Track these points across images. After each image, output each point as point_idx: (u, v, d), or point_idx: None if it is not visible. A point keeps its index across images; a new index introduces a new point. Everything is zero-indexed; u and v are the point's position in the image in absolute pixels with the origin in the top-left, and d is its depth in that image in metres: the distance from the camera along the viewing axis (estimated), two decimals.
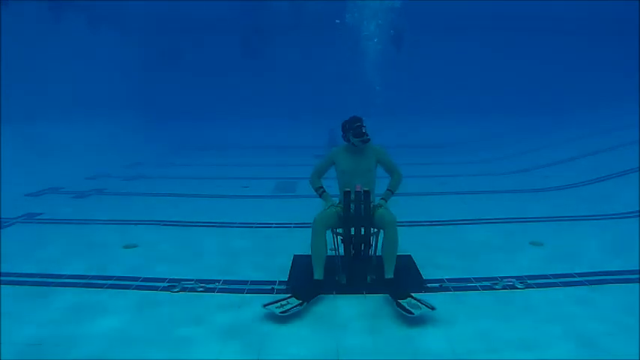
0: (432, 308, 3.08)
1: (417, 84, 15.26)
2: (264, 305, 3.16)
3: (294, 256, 4.29)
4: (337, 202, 3.92)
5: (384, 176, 4.02)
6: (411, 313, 3.02)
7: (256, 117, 15.41)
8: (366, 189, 3.58)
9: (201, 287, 3.68)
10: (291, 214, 5.99)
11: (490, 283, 3.69)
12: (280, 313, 3.07)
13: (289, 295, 3.32)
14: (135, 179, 9.13)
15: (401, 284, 3.44)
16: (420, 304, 3.13)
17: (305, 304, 3.23)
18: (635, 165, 7.56)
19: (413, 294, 3.22)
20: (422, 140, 14.09)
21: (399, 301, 3.19)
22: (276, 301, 3.22)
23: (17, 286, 3.70)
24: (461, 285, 3.67)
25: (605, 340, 2.83)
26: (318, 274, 3.50)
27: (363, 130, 3.74)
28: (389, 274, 3.48)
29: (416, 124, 14.73)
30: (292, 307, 3.14)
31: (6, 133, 8.43)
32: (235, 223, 5.66)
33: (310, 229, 3.58)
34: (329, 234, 3.72)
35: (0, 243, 4.80)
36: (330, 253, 3.68)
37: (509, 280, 3.74)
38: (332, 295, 3.50)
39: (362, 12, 14.24)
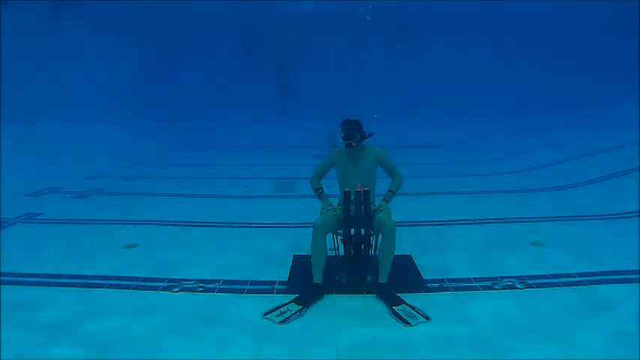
0: (427, 318, 3.10)
1: (418, 84, 15.28)
2: (264, 315, 3.17)
3: (294, 256, 4.30)
4: (336, 202, 3.93)
5: (384, 176, 4.02)
6: (408, 323, 3.03)
7: (256, 117, 15.41)
8: (365, 189, 3.58)
9: (201, 287, 3.68)
10: (291, 214, 5.99)
11: (490, 283, 3.69)
12: (280, 322, 3.08)
13: (289, 300, 3.33)
14: (135, 179, 9.13)
15: (393, 290, 3.43)
16: (415, 313, 3.15)
17: (305, 309, 3.24)
18: (635, 165, 7.56)
19: (413, 293, 3.20)
20: (422, 140, 14.09)
21: (394, 308, 3.21)
22: (276, 309, 3.23)
23: (17, 286, 3.70)
24: (461, 285, 3.67)
25: (606, 339, 2.83)
26: (318, 278, 3.51)
27: (347, 134, 3.72)
28: (382, 279, 3.48)
29: (416, 124, 14.73)
30: (292, 314, 3.15)
31: (6, 133, 8.43)
32: (235, 223, 5.66)
33: (310, 230, 3.57)
34: (329, 234, 3.72)
35: (0, 243, 4.80)
36: (330, 253, 3.68)
37: (509, 280, 3.74)
38: (332, 295, 3.50)
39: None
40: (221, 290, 3.64)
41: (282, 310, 3.22)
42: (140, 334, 2.97)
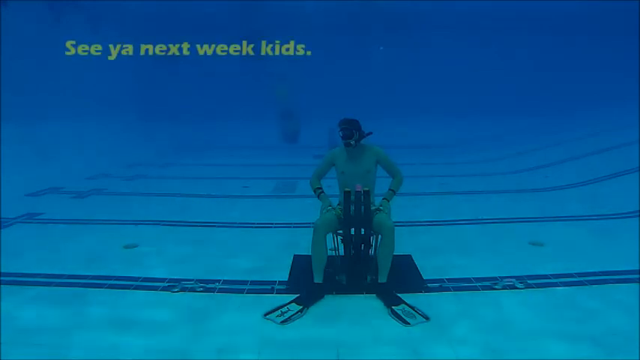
0: (427, 318, 3.10)
1: (418, 84, 15.28)
2: (265, 315, 3.16)
3: (294, 256, 4.30)
4: (336, 202, 3.92)
5: (384, 176, 4.02)
6: (407, 323, 3.03)
7: (256, 117, 15.40)
8: (365, 189, 3.57)
9: (201, 287, 3.68)
10: (291, 214, 5.99)
11: (490, 283, 3.69)
12: (281, 322, 3.08)
13: (289, 301, 3.33)
14: (135, 179, 9.13)
15: (393, 290, 3.43)
16: (414, 313, 3.15)
17: (306, 309, 3.24)
18: (635, 165, 7.57)
19: (413, 293, 3.20)
20: (422, 140, 14.09)
21: (393, 308, 3.21)
22: (277, 309, 3.23)
23: (17, 286, 3.70)
24: (461, 285, 3.67)
25: (606, 340, 2.83)
26: (318, 278, 3.52)
27: (346, 133, 3.71)
28: (382, 279, 3.49)
29: (417, 124, 14.73)
30: (293, 314, 3.15)
31: (6, 133, 8.43)
32: (235, 223, 5.66)
33: (311, 230, 3.57)
34: (329, 234, 3.72)
35: (0, 243, 4.80)
36: (330, 253, 3.68)
37: (509, 280, 3.74)
38: (332, 295, 3.50)
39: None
40: (221, 290, 3.64)
41: (282, 310, 3.21)
42: (141, 334, 2.96)
